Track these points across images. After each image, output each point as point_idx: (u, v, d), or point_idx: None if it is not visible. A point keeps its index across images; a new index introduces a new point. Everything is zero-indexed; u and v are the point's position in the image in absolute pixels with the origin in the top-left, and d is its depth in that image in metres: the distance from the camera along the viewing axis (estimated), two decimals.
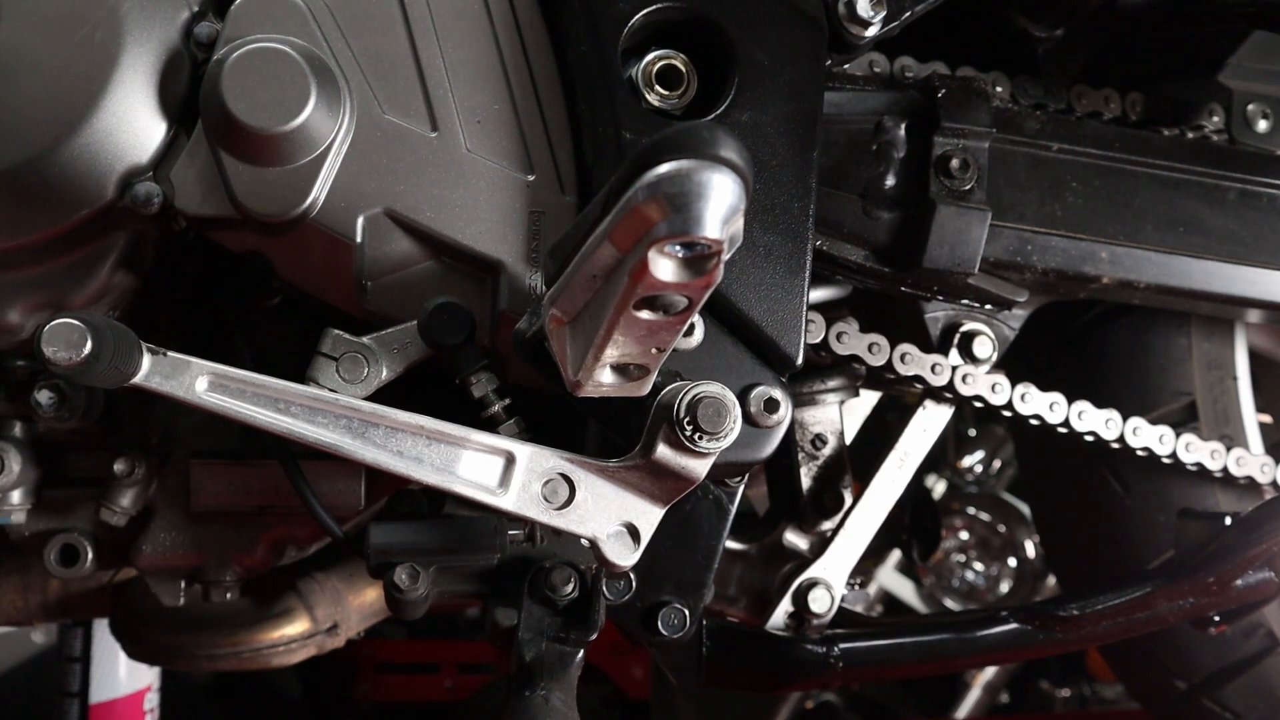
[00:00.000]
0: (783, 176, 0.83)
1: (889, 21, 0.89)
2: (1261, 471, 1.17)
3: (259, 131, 0.76)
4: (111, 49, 0.78)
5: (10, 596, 1.17)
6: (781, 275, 0.82)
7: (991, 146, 0.98)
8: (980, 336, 1.08)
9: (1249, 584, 1.05)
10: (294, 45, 0.78)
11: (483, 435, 0.78)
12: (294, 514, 0.99)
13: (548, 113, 0.84)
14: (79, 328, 0.69)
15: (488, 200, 0.83)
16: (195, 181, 0.81)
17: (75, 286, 0.85)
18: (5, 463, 0.98)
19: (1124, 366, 1.26)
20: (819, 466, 1.14)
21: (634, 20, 0.82)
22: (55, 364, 0.69)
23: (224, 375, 0.76)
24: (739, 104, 0.83)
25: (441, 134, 0.82)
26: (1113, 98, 1.14)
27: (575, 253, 0.61)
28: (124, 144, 0.79)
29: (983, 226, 0.95)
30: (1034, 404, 1.09)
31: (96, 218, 0.81)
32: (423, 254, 0.84)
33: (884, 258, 0.99)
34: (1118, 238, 1.05)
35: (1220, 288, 1.08)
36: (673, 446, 0.75)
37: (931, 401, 1.12)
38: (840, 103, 0.98)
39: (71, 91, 0.78)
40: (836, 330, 1.02)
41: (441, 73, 0.83)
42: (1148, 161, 1.07)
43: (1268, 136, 1.16)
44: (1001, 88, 1.09)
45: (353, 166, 0.81)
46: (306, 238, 0.82)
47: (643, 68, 0.84)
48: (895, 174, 0.98)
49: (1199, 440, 1.15)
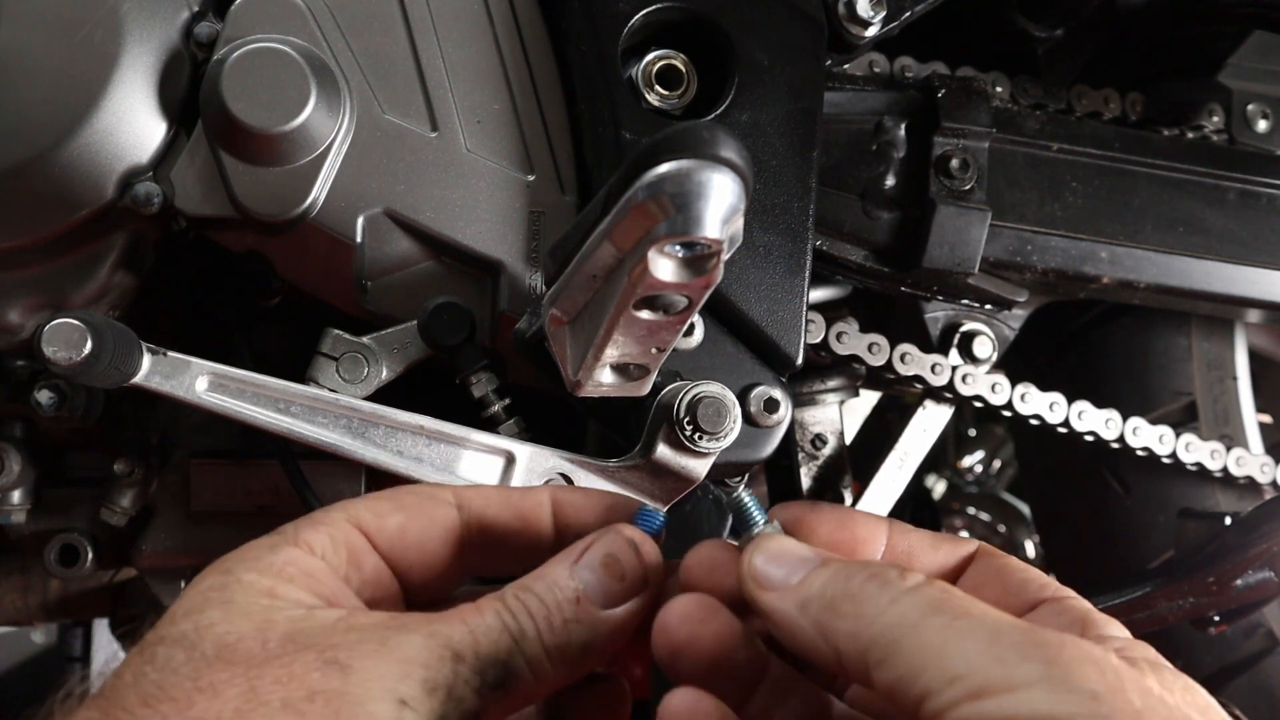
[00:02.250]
0: (783, 176, 0.83)
1: (889, 21, 0.89)
2: (1261, 471, 1.17)
3: (259, 131, 0.76)
4: (111, 49, 0.78)
5: (10, 596, 1.17)
6: (781, 275, 0.82)
7: (991, 146, 0.98)
8: (980, 336, 1.08)
9: (1249, 584, 1.05)
10: (294, 45, 0.78)
11: (483, 435, 0.78)
12: (294, 514, 0.99)
13: (548, 113, 0.84)
14: (79, 328, 0.69)
15: (488, 200, 0.83)
16: (195, 181, 0.81)
17: (75, 286, 0.85)
18: (5, 463, 0.98)
19: (1124, 366, 1.26)
20: (819, 466, 1.14)
21: (634, 20, 0.82)
22: (55, 364, 0.69)
23: (224, 375, 0.76)
24: (739, 104, 0.83)
25: (441, 134, 0.82)
26: (1113, 98, 1.14)
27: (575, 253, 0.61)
28: (124, 144, 0.79)
29: (983, 226, 0.95)
30: (1034, 404, 1.09)
31: (96, 218, 0.81)
32: (423, 254, 0.84)
33: (884, 258, 0.99)
34: (1118, 238, 1.05)
35: (1220, 288, 1.08)
36: (673, 446, 0.75)
37: (931, 401, 1.12)
38: (840, 103, 0.98)
39: (71, 91, 0.78)
40: (836, 330, 1.02)
41: (441, 73, 0.83)
42: (1148, 161, 1.07)
43: (1268, 136, 1.16)
44: (1001, 88, 1.09)
45: (353, 166, 0.81)
46: (306, 238, 0.82)
47: (643, 68, 0.84)
48: (895, 174, 0.98)
49: (1199, 440, 1.15)
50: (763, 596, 0.53)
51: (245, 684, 0.46)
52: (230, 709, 0.45)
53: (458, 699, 0.49)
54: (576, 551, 0.56)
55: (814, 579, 0.52)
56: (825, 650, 0.49)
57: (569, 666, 0.53)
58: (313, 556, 0.54)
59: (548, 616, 0.53)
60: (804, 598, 0.51)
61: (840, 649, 0.48)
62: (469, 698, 0.49)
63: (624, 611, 0.54)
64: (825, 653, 0.50)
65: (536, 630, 0.52)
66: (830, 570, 0.52)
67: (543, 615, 0.53)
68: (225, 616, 0.49)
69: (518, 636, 0.51)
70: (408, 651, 0.49)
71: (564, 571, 0.54)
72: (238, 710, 0.45)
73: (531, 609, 0.53)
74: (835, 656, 0.49)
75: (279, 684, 0.46)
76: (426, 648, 0.49)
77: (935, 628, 0.45)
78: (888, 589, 0.48)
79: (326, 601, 0.53)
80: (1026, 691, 0.41)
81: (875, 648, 0.46)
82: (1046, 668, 0.42)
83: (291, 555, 0.54)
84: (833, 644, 0.49)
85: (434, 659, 0.49)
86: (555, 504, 0.60)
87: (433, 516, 0.58)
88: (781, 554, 0.54)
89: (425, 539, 0.58)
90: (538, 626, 0.52)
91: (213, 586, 0.51)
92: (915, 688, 0.44)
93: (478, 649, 0.50)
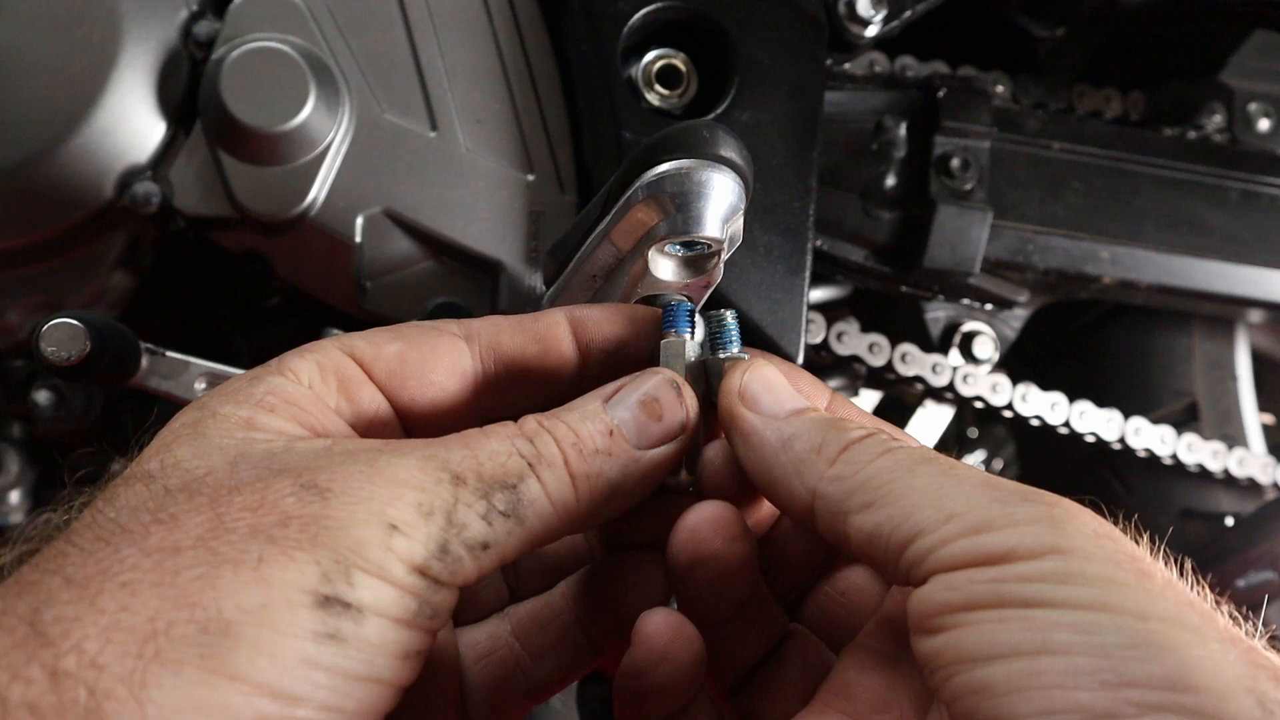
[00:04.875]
0: (783, 176, 0.83)
1: (889, 21, 0.89)
2: (1263, 472, 1.17)
3: (258, 131, 0.76)
4: (110, 48, 0.78)
5: None
6: (782, 275, 0.82)
7: (992, 146, 0.98)
8: (981, 336, 1.08)
9: (1251, 585, 1.04)
10: (293, 45, 0.78)
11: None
12: None
13: (548, 113, 0.84)
14: (78, 327, 0.69)
15: (487, 200, 0.82)
16: (194, 181, 0.80)
17: (74, 286, 0.84)
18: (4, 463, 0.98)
19: (1125, 366, 1.26)
20: None
21: (634, 20, 0.82)
22: (54, 364, 0.69)
23: (223, 375, 0.76)
24: (739, 104, 0.83)
25: (441, 134, 0.82)
26: (1114, 97, 1.14)
27: (575, 252, 0.61)
28: (122, 143, 0.79)
29: (984, 226, 0.95)
30: (1035, 404, 1.09)
31: (95, 217, 0.80)
32: (422, 254, 0.84)
33: (884, 258, 0.98)
34: (1119, 237, 1.05)
35: (1222, 287, 1.07)
36: None
37: (932, 402, 1.12)
38: (841, 102, 0.98)
39: (70, 91, 0.78)
40: (837, 330, 1.02)
41: (441, 72, 0.82)
42: (1149, 161, 1.07)
43: (1269, 136, 1.16)
44: (1002, 87, 1.09)
45: (352, 166, 0.81)
46: (306, 237, 0.82)
47: (643, 67, 0.84)
48: (896, 174, 0.98)
49: (1201, 440, 1.14)
50: (746, 415, 0.50)
51: (210, 513, 0.41)
52: (191, 537, 0.40)
53: (460, 525, 0.43)
54: (611, 389, 0.51)
55: (801, 419, 0.49)
56: (797, 490, 0.47)
57: (595, 504, 0.48)
58: (298, 385, 0.49)
59: (577, 444, 0.48)
60: (788, 435, 0.49)
61: (819, 491, 0.46)
62: (474, 524, 0.44)
63: (659, 454, 0.50)
64: (797, 493, 0.47)
65: (563, 456, 0.47)
66: (820, 417, 0.50)
67: (570, 442, 0.48)
68: (196, 452, 0.44)
69: (533, 460, 0.46)
70: (398, 474, 0.43)
71: (598, 404, 0.50)
72: (199, 539, 0.40)
73: (559, 435, 0.48)
74: (807, 499, 0.47)
75: (248, 510, 0.41)
76: (421, 469, 0.44)
77: (930, 473, 0.44)
78: (879, 443, 0.47)
79: (313, 431, 0.47)
80: (1030, 526, 0.40)
81: (862, 491, 0.45)
82: (1048, 509, 0.41)
83: (274, 384, 0.48)
84: (809, 485, 0.47)
85: (429, 481, 0.43)
86: (573, 322, 0.55)
87: (435, 346, 0.53)
88: (774, 384, 0.51)
89: (428, 370, 0.52)
90: (565, 453, 0.47)
91: (185, 423, 0.46)
92: (904, 528, 0.42)
93: (480, 471, 0.45)
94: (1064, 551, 0.39)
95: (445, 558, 0.43)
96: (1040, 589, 0.38)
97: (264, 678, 0.37)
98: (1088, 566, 0.39)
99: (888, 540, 0.43)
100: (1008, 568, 0.39)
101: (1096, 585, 0.38)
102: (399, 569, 0.41)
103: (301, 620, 0.38)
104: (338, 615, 0.39)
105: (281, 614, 0.38)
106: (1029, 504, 0.41)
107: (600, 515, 0.49)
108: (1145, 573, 0.39)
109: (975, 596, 0.39)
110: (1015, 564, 0.39)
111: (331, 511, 0.41)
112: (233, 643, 0.37)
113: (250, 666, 0.36)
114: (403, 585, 0.41)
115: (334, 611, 0.39)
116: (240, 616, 0.37)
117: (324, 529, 0.40)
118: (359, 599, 0.40)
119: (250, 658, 0.37)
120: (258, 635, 0.37)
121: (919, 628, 0.42)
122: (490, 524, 0.44)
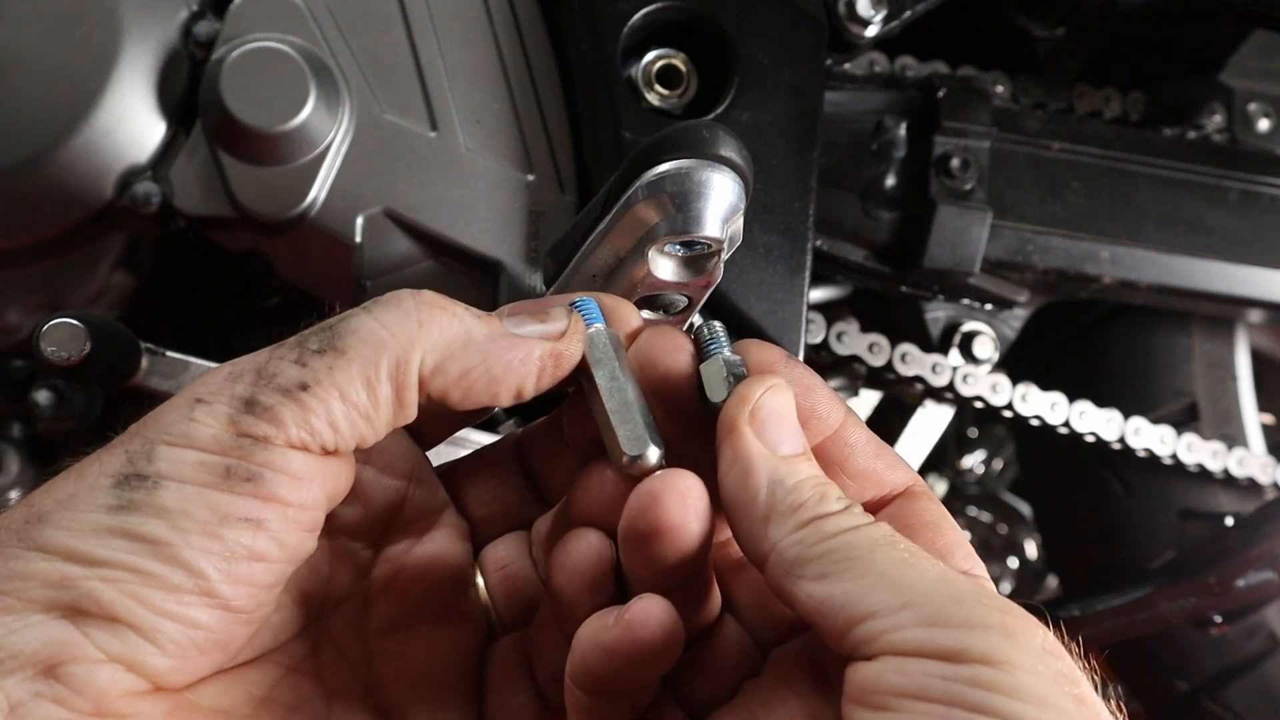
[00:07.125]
0: (783, 176, 0.83)
1: (889, 21, 0.89)
2: (1263, 472, 1.17)
3: (258, 131, 0.76)
4: (110, 48, 0.78)
5: None
6: (781, 275, 0.82)
7: (992, 146, 0.98)
8: (981, 336, 1.08)
9: (1251, 584, 1.05)
10: (293, 45, 0.78)
11: (481, 435, 0.77)
12: None
13: (548, 112, 0.84)
14: (78, 327, 0.69)
15: (487, 200, 0.82)
16: (194, 181, 0.80)
17: (74, 286, 0.84)
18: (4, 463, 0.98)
19: (1125, 366, 1.26)
20: None
21: (634, 20, 0.82)
22: (54, 364, 0.69)
23: None
24: (739, 104, 0.83)
25: (441, 133, 0.82)
26: (1114, 97, 1.14)
27: (574, 252, 0.61)
28: (122, 143, 0.79)
29: (983, 226, 0.95)
30: (1035, 404, 1.09)
31: (95, 217, 0.80)
32: (422, 254, 0.84)
33: (884, 258, 0.98)
34: (1119, 237, 1.05)
35: (1222, 287, 1.08)
36: None
37: (932, 401, 1.12)
38: (840, 102, 0.98)
39: (70, 91, 0.78)
40: (836, 330, 1.02)
41: (441, 72, 0.82)
42: (1149, 161, 1.07)
43: (1269, 136, 1.16)
44: (1002, 87, 1.09)
45: (352, 166, 0.81)
46: (306, 237, 0.82)
47: (643, 67, 0.84)
48: (896, 174, 0.98)
49: (1200, 440, 1.15)
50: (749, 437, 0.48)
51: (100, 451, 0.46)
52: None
53: (270, 375, 0.45)
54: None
55: (792, 467, 0.48)
56: (760, 536, 0.46)
57: (443, 346, 0.47)
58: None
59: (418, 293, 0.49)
60: (777, 478, 0.47)
61: (778, 547, 0.45)
62: (286, 370, 0.45)
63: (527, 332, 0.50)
64: (759, 539, 0.46)
65: (397, 297, 0.48)
66: (810, 472, 0.48)
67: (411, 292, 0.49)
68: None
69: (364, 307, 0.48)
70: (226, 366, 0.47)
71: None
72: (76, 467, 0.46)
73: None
74: (764, 549, 0.46)
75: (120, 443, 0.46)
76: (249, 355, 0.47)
77: (891, 559, 0.44)
78: (851, 517, 0.46)
79: None
80: (985, 632, 0.40)
81: (820, 561, 0.44)
82: (1003, 617, 0.41)
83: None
84: (772, 538, 0.46)
85: (247, 356, 0.47)
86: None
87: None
88: (785, 417, 0.49)
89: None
90: (400, 296, 0.48)
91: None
92: (858, 606, 0.42)
93: (301, 335, 0.48)
94: (1013, 665, 0.40)
95: (254, 409, 0.45)
96: (987, 698, 0.39)
97: (62, 545, 0.43)
98: (1034, 685, 0.40)
99: (838, 613, 0.43)
100: (962, 668, 0.40)
101: (1036, 705, 0.39)
102: (203, 433, 0.44)
103: (98, 497, 0.44)
104: (132, 488, 0.44)
105: (84, 497, 0.44)
106: (984, 608, 0.42)
107: (454, 367, 0.48)
108: (1080, 699, 0.40)
109: (926, 688, 0.40)
110: (968, 666, 0.40)
111: (158, 409, 0.46)
112: (42, 524, 0.44)
113: (51, 540, 0.43)
114: (206, 448, 0.44)
115: (130, 485, 0.44)
116: (53, 506, 0.44)
117: (144, 423, 0.46)
118: (157, 470, 0.44)
119: (52, 533, 0.43)
120: (60, 516, 0.44)
121: (859, 700, 0.42)
122: (305, 364, 0.46)
